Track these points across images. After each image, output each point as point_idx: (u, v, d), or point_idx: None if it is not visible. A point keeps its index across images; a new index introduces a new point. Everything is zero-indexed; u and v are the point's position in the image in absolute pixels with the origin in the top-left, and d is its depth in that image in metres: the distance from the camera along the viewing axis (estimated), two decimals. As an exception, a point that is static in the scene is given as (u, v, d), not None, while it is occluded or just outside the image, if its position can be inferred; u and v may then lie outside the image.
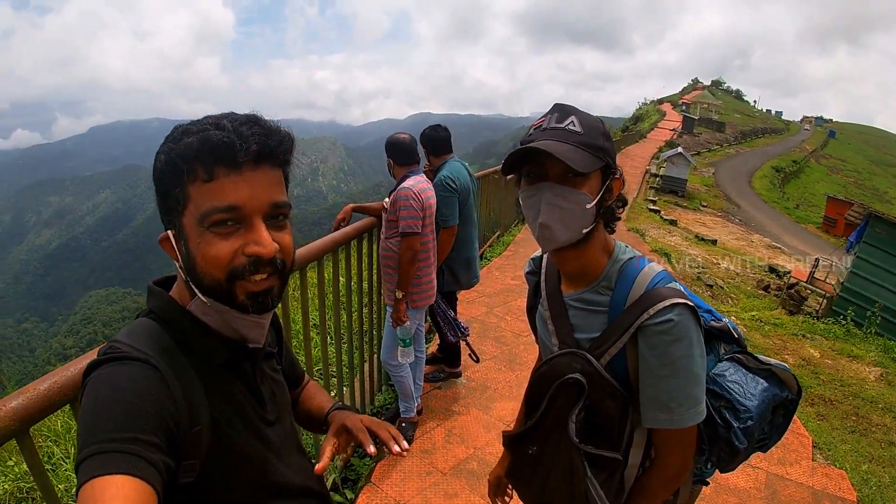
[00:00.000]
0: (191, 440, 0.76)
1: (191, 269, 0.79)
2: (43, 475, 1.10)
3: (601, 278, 1.14)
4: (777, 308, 8.01)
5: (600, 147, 1.04)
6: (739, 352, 1.28)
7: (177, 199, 0.77)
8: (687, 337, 1.04)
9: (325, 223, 44.92)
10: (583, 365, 1.12)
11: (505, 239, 8.19)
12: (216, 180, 0.75)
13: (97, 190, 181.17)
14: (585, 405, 1.12)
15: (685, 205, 20.45)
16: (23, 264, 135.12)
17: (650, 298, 1.06)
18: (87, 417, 0.69)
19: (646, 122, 47.54)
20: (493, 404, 3.59)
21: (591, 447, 1.13)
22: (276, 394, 0.99)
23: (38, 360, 57.81)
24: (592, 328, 1.15)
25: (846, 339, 6.30)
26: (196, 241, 0.77)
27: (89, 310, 76.83)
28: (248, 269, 0.78)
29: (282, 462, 0.94)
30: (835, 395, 4.52)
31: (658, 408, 1.07)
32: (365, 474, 2.81)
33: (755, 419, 1.18)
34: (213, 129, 0.76)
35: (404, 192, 2.79)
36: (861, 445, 3.66)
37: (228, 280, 0.78)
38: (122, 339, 0.79)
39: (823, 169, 45.22)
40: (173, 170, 0.77)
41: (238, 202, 0.76)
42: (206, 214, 0.75)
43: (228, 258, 0.77)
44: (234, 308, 0.81)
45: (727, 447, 1.21)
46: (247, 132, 0.76)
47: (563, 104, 1.09)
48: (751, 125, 56.24)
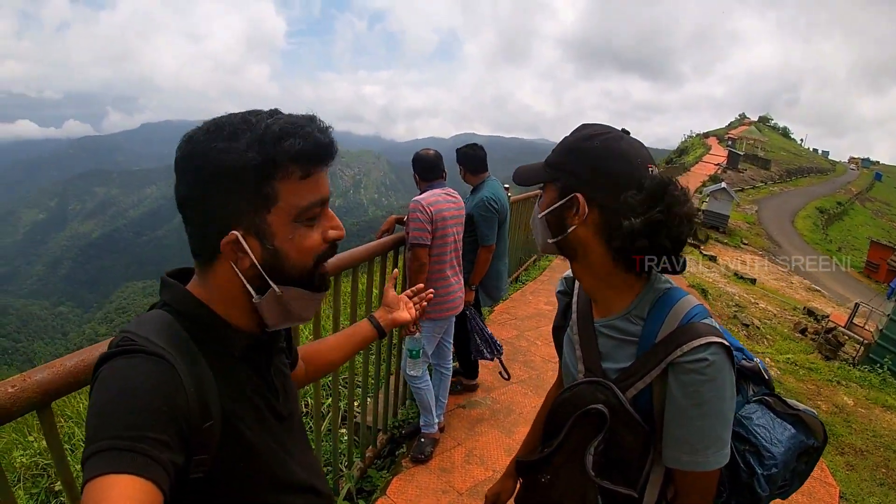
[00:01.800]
0: (202, 436, 0.75)
1: (276, 264, 0.82)
2: (59, 449, 1.11)
3: (633, 307, 1.09)
4: (813, 352, 7.78)
5: (554, 163, 1.10)
6: (768, 394, 1.20)
7: (263, 197, 0.78)
8: (720, 378, 0.99)
9: (364, 235, 45.51)
10: (607, 396, 1.07)
11: (541, 264, 8.13)
12: (311, 177, 0.81)
13: (143, 185, 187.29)
14: (605, 438, 1.07)
15: (726, 241, 20.09)
16: (64, 250, 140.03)
17: (685, 334, 1.00)
18: (96, 411, 0.68)
19: (690, 156, 47.00)
20: (516, 428, 3.51)
21: (608, 482, 1.08)
22: (288, 388, 0.99)
23: (69, 344, 59.60)
24: (620, 358, 1.10)
25: (881, 388, 6.10)
26: (288, 235, 0.81)
27: (125, 300, 79.11)
28: (328, 254, 0.86)
29: (291, 458, 0.94)
30: (866, 445, 4.36)
31: (682, 449, 1.02)
32: (381, 486, 2.76)
33: (780, 467, 1.10)
34: (301, 128, 0.79)
35: (413, 204, 2.83)
36: (889, 499, 3.53)
37: (315, 265, 0.85)
38: (135, 329, 0.77)
39: (868, 212, 44.02)
40: (261, 169, 0.77)
41: (327, 195, 0.85)
42: (307, 209, 0.81)
43: (319, 245, 0.84)
44: (311, 290, 0.87)
45: (749, 493, 1.13)
46: (326, 135, 0.82)
47: (584, 123, 1.12)
48: (796, 164, 55.07)
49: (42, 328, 78.22)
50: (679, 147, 56.29)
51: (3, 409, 0.95)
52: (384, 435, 3.13)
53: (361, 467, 2.79)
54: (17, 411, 0.98)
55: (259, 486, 0.87)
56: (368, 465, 2.86)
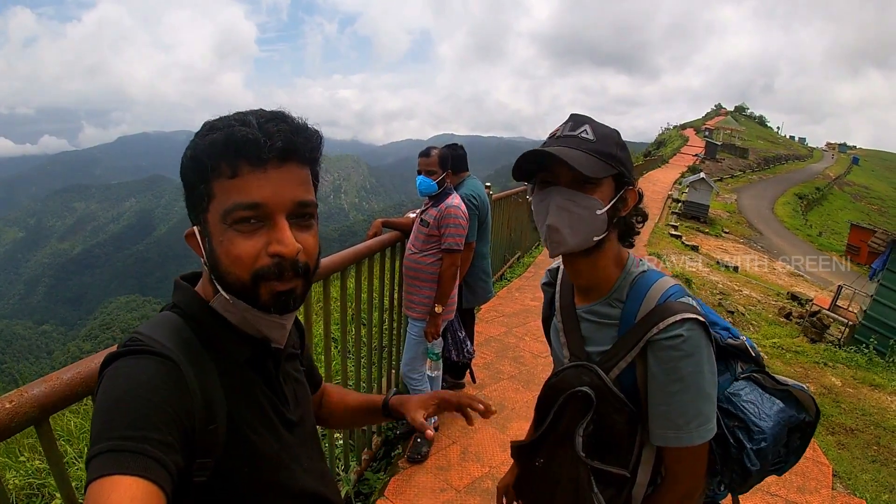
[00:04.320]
0: (206, 438, 0.74)
1: (214, 266, 0.78)
2: (59, 465, 1.10)
3: (613, 290, 1.13)
4: (799, 336, 7.88)
5: (612, 155, 1.04)
6: (757, 371, 1.24)
7: (202, 194, 0.76)
8: (697, 353, 1.02)
9: (347, 241, 45.06)
10: (591, 378, 1.11)
11: (525, 260, 8.17)
12: (240, 177, 0.74)
13: (122, 198, 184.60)
14: (593, 419, 1.11)
15: (707, 231, 20.28)
16: (45, 268, 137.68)
17: (661, 312, 1.04)
18: (101, 411, 0.67)
19: (668, 148, 47.36)
20: (509, 424, 3.55)
21: (598, 462, 1.11)
22: (299, 395, 0.97)
23: (55, 363, 58.49)
24: (603, 341, 1.14)
25: (868, 368, 6.20)
26: (219, 238, 0.76)
27: (108, 316, 77.87)
28: (273, 273, 0.76)
29: (299, 466, 0.91)
30: (856, 424, 4.44)
31: (666, 425, 1.05)
32: (378, 488, 2.77)
33: (769, 441, 1.14)
34: (238, 125, 0.75)
35: (454, 209, 2.81)
36: (882, 475, 3.59)
37: (253, 281, 0.76)
38: (143, 331, 0.78)
39: (847, 196, 44.69)
40: (198, 165, 0.76)
41: (261, 199, 0.74)
42: (229, 211, 0.74)
43: (251, 258, 0.75)
44: (256, 307, 0.79)
45: (739, 468, 1.17)
46: (273, 129, 0.75)
47: (579, 114, 1.10)
48: (774, 151, 55.73)
49: (26, 347, 76.75)
50: (657, 139, 56.52)
51: (2, 426, 0.94)
52: (378, 437, 3.13)
53: (358, 470, 2.79)
54: (16, 427, 0.96)
55: (263, 493, 0.85)
56: (365, 468, 2.87)
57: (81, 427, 2.98)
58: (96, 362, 1.08)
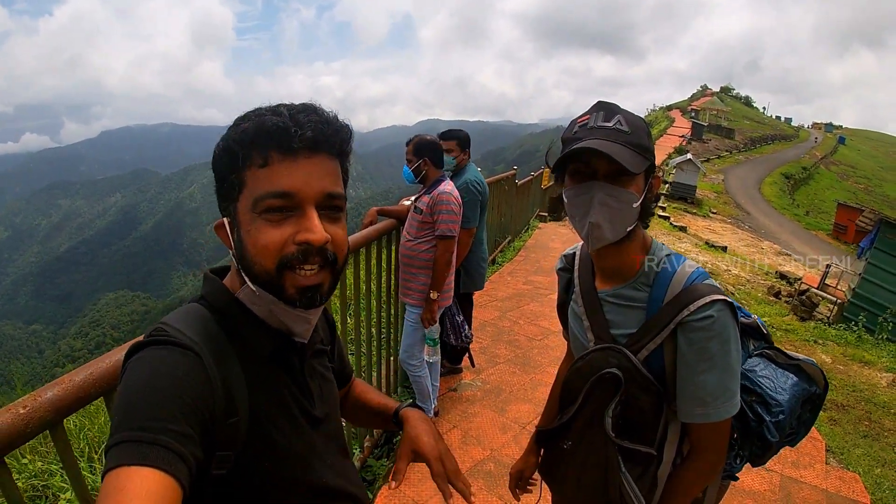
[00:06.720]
0: (226, 431, 0.75)
1: (242, 256, 0.78)
2: (74, 467, 1.09)
3: (639, 275, 1.15)
4: (788, 314, 7.96)
5: (646, 147, 1.06)
6: (768, 347, 1.31)
7: (232, 184, 0.77)
8: (725, 332, 1.06)
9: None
10: (619, 360, 1.13)
11: (515, 244, 8.21)
12: (270, 165, 0.75)
13: (107, 193, 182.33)
14: (621, 400, 1.13)
15: (694, 211, 20.38)
16: (32, 266, 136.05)
17: (690, 295, 1.07)
18: (123, 400, 0.68)
19: (654, 129, 47.44)
20: (508, 406, 3.59)
21: (627, 442, 1.14)
22: (325, 392, 0.97)
23: (46, 362, 58.16)
24: (629, 324, 1.16)
25: (858, 345, 6.30)
26: (248, 227, 0.77)
27: (98, 313, 77.38)
28: (298, 259, 0.76)
29: (323, 463, 0.91)
30: (847, 400, 4.52)
31: (695, 402, 1.08)
32: (382, 475, 2.80)
33: (786, 413, 1.19)
34: (269, 114, 0.76)
35: (445, 196, 2.81)
36: (873, 450, 3.66)
37: (278, 270, 0.76)
38: (169, 321, 0.78)
39: (833, 175, 44.96)
40: (230, 155, 0.77)
41: (291, 188, 0.75)
42: (260, 199, 0.75)
43: (279, 246, 0.75)
44: (281, 300, 0.79)
45: (759, 441, 1.22)
46: (303, 119, 0.76)
47: (606, 102, 1.09)
48: (760, 132, 55.90)
49: (17, 347, 76.09)
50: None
51: (18, 431, 0.93)
52: (379, 425, 3.14)
53: (361, 458, 2.82)
54: (32, 432, 0.96)
55: (286, 489, 0.85)
56: (368, 455, 2.89)
57: (81, 426, 2.98)
58: (107, 362, 1.09)
